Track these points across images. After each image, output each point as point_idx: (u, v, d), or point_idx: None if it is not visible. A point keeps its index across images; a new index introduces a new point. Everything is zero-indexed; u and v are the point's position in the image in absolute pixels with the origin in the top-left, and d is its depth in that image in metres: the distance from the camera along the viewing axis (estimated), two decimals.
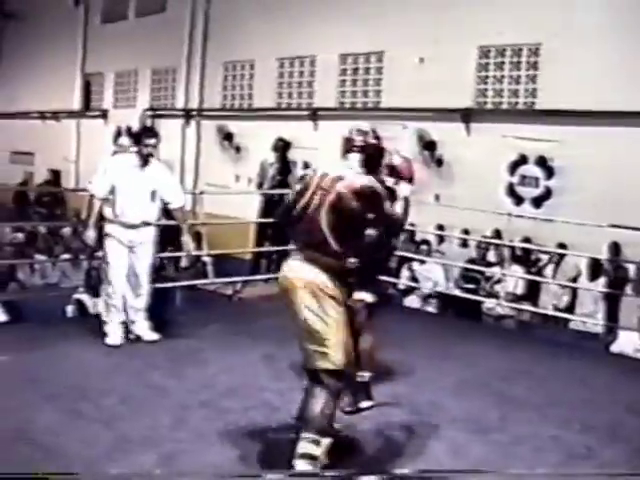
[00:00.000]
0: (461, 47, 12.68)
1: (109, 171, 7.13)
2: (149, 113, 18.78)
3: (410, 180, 5.37)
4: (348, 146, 4.70)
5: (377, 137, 4.77)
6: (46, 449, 4.64)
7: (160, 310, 7.50)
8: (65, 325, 8.44)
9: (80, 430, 4.97)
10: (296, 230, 4.66)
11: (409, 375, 6.14)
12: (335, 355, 4.35)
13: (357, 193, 4.42)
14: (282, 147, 12.07)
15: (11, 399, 5.38)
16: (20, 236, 13.74)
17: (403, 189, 5.21)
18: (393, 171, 5.30)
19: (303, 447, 4.30)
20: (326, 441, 4.38)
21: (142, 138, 7.22)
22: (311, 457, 4.29)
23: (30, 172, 22.08)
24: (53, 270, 12.39)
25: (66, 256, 12.57)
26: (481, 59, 12.76)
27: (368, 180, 4.53)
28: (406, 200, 5.26)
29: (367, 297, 4.88)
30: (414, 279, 10.82)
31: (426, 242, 11.41)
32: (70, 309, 9.20)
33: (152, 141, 7.21)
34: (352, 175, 4.53)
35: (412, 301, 10.46)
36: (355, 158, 4.64)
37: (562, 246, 10.41)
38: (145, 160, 7.10)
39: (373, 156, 4.73)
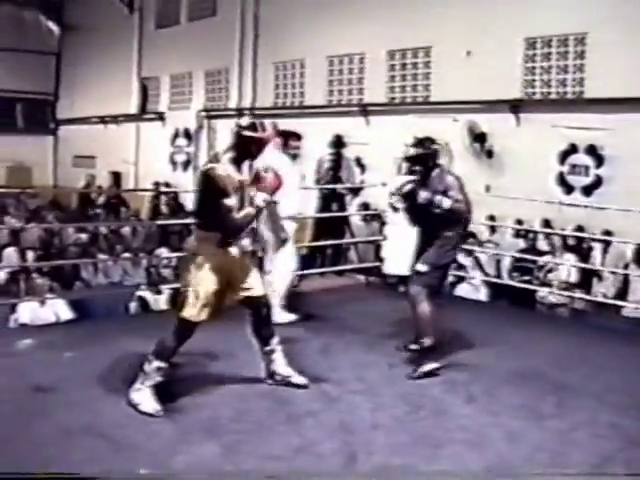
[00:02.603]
0: (507, 39, 12.56)
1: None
2: (203, 114, 18.92)
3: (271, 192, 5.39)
4: None
5: (255, 129, 5.20)
6: (112, 441, 4.68)
7: None
8: (128, 321, 8.56)
9: (144, 423, 5.01)
10: None
11: (464, 362, 6.09)
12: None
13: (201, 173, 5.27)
14: (337, 144, 12.11)
15: (78, 393, 5.45)
16: (84, 237, 13.94)
17: (259, 197, 5.26)
18: (256, 179, 5.36)
19: None
20: None
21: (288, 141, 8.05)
22: None
23: (92, 175, 22.38)
24: (115, 269, 12.55)
25: (127, 255, 12.73)
26: (528, 50, 12.60)
27: (213, 165, 5.16)
28: (258, 207, 5.31)
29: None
30: (462, 268, 10.70)
31: (472, 235, 11.30)
32: (133, 306, 9.31)
33: (296, 143, 8.17)
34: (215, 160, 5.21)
35: (462, 290, 10.34)
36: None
37: (608, 233, 10.27)
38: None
39: (242, 145, 5.21)
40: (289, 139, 7.88)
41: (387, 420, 5.18)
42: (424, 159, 6.23)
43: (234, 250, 5.33)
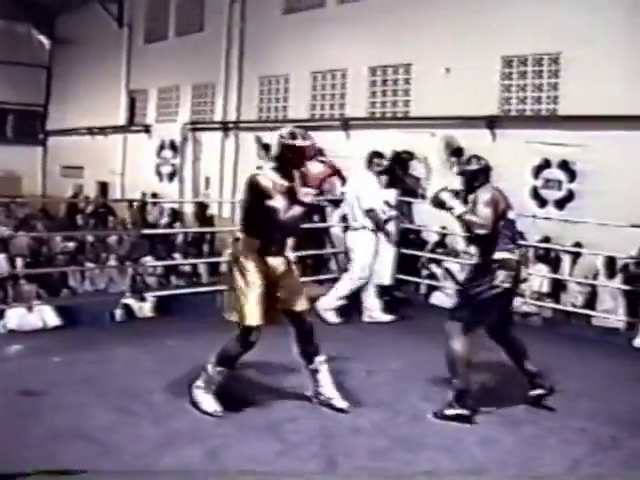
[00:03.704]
0: (485, 57, 12.64)
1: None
2: (189, 127, 18.93)
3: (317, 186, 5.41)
4: None
5: (295, 137, 5.35)
6: (101, 444, 4.69)
7: None
8: (114, 328, 8.55)
9: (130, 426, 5.03)
10: None
11: (438, 370, 6.13)
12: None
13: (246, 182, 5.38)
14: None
15: (66, 398, 5.47)
16: (71, 245, 13.90)
17: (302, 193, 5.27)
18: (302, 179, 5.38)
19: None
20: None
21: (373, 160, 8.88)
22: None
23: (80, 185, 22.33)
24: (101, 277, 12.53)
25: (113, 263, 12.71)
26: (504, 68, 12.70)
27: (256, 172, 5.33)
28: (304, 204, 5.28)
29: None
30: (434, 277, 10.78)
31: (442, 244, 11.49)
32: (118, 313, 9.30)
33: (380, 161, 9.00)
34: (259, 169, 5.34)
35: (437, 298, 10.38)
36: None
37: (578, 245, 10.36)
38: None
39: (284, 155, 5.29)
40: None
41: (366, 425, 5.21)
42: (475, 175, 6.12)
43: (275, 260, 5.30)
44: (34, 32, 23.34)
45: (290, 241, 5.51)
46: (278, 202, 5.11)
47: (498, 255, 5.59)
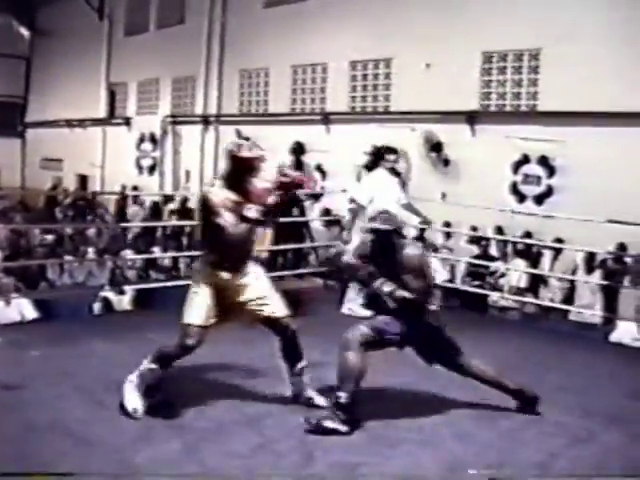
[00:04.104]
0: (465, 53, 12.69)
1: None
2: (169, 120, 18.85)
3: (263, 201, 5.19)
4: None
5: (241, 149, 5.13)
6: (78, 438, 4.66)
7: None
8: (92, 321, 8.51)
9: (108, 420, 5.00)
10: None
11: (414, 363, 6.13)
12: None
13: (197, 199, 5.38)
14: (298, 150, 12.14)
15: (44, 391, 5.43)
16: (50, 238, 13.80)
17: (249, 210, 5.10)
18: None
19: None
20: None
21: (384, 155, 8.25)
22: None
23: (59, 177, 22.20)
24: (80, 270, 12.44)
25: (92, 256, 12.63)
26: (484, 64, 12.74)
27: (206, 189, 5.32)
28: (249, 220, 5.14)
29: None
30: None
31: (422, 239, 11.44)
32: (97, 306, 9.24)
33: (392, 157, 8.33)
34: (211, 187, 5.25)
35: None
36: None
37: (559, 241, 10.42)
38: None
39: (233, 167, 5.17)
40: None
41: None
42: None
43: (232, 275, 5.23)
44: (14, 23, 23.13)
45: (253, 254, 5.45)
46: (226, 218, 5.06)
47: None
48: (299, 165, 12.04)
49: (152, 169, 19.20)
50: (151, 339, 6.74)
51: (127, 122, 20.19)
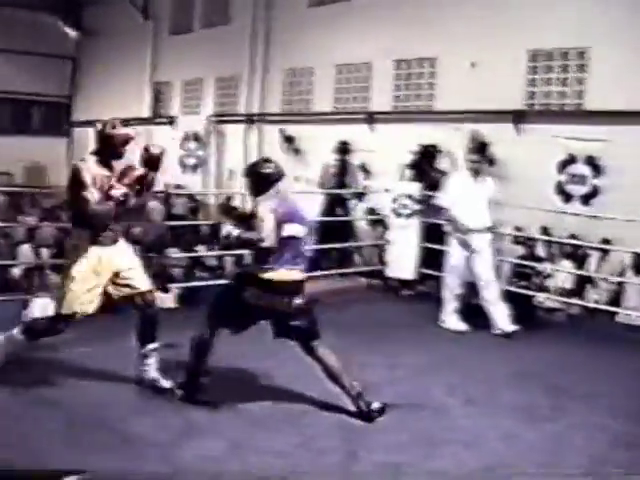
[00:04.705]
0: (511, 51, 12.56)
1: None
2: (213, 119, 18.96)
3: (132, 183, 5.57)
4: None
5: (107, 126, 5.59)
6: (123, 435, 4.74)
7: None
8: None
9: (153, 418, 5.06)
10: None
11: (464, 365, 6.10)
12: None
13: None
14: (343, 150, 12.15)
15: (90, 388, 5.51)
16: None
17: (115, 191, 5.39)
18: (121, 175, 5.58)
19: None
20: None
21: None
22: None
23: None
24: None
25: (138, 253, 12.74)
26: (530, 62, 12.62)
27: (76, 162, 5.52)
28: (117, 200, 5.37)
29: None
30: None
31: None
32: None
33: (475, 158, 8.74)
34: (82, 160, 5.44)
35: None
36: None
37: (606, 242, 10.29)
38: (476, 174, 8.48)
39: (100, 144, 5.54)
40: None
41: (387, 419, 5.20)
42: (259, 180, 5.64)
43: (107, 249, 5.36)
44: (60, 24, 23.43)
45: (127, 228, 5.78)
46: (92, 193, 5.19)
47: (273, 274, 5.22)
48: (343, 164, 12.03)
49: (195, 168, 19.33)
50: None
51: (171, 121, 20.34)
